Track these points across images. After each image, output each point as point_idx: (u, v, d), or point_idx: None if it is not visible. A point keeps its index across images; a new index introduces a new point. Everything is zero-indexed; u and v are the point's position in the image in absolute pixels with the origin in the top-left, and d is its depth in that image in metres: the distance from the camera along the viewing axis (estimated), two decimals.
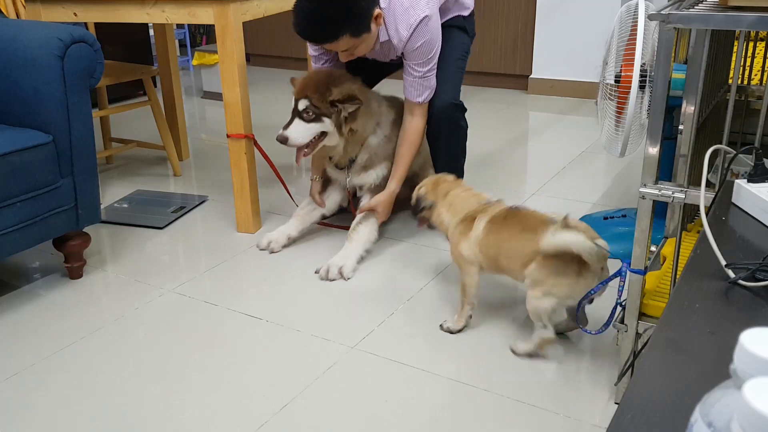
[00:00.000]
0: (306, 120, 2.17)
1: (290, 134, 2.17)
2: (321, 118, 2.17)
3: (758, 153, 1.11)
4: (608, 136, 1.76)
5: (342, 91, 2.16)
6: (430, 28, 2.13)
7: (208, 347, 1.84)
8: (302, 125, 2.17)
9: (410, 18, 2.10)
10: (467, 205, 1.87)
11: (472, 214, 1.83)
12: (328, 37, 2.03)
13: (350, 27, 2.01)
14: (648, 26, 1.58)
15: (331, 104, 2.15)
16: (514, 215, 1.77)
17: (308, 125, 2.17)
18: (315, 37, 2.08)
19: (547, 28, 4.36)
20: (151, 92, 3.11)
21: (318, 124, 2.18)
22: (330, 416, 1.56)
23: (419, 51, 2.16)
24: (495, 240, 1.76)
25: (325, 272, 2.17)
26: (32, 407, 1.62)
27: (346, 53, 2.14)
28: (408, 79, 2.24)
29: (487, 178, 3.05)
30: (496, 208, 1.82)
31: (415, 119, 2.28)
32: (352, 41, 2.06)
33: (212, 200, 2.87)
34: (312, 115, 2.16)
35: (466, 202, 1.88)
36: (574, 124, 3.85)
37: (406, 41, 2.14)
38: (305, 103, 2.15)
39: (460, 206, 1.87)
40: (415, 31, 2.11)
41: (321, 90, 2.15)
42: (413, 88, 2.24)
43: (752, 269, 0.86)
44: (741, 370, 0.46)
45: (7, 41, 2.03)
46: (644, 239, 1.44)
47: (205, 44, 5.87)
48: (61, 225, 2.08)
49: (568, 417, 1.54)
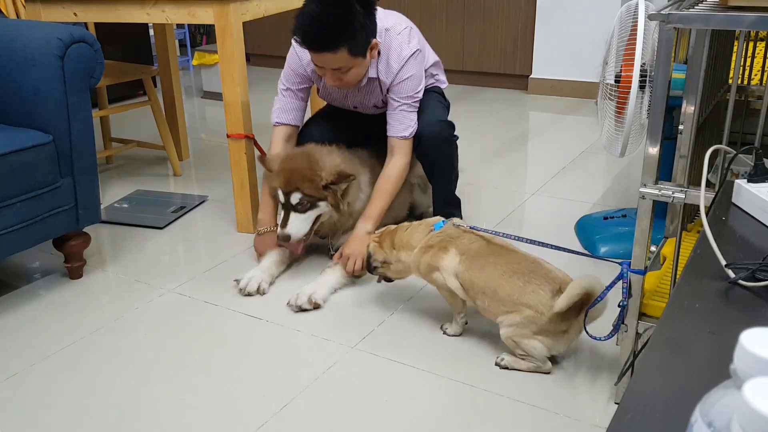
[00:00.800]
0: (302, 211, 2.10)
1: (291, 231, 2.09)
2: (316, 204, 2.11)
3: (758, 153, 1.11)
4: (608, 136, 1.76)
5: (332, 171, 2.09)
6: (419, 63, 2.19)
7: (208, 347, 1.84)
8: (299, 218, 2.11)
9: (403, 51, 2.15)
10: (418, 236, 1.84)
11: (432, 243, 1.79)
12: (329, 45, 1.98)
13: (351, 41, 1.99)
14: (648, 26, 1.58)
15: (324, 188, 2.09)
16: (493, 251, 1.73)
17: (305, 215, 2.11)
18: (317, 42, 2.00)
19: (547, 28, 4.36)
20: (151, 92, 3.11)
21: (314, 210, 2.12)
22: (330, 416, 1.56)
23: (407, 84, 2.17)
24: (478, 277, 1.71)
25: (294, 300, 2.01)
26: (32, 407, 1.62)
27: (336, 75, 2.07)
28: (393, 114, 2.20)
29: (487, 178, 3.05)
30: (464, 238, 1.77)
31: (396, 158, 2.22)
32: (347, 60, 2.02)
33: (212, 200, 2.87)
34: (307, 205, 2.10)
35: (414, 235, 1.85)
36: (574, 124, 3.85)
37: (396, 73, 2.15)
38: (298, 196, 2.09)
39: (413, 241, 1.84)
40: (407, 63, 2.15)
41: (310, 177, 2.08)
42: (397, 122, 2.20)
43: (752, 269, 0.86)
44: (741, 370, 0.46)
45: (7, 41, 2.03)
46: (644, 239, 1.44)
47: (205, 44, 5.87)
48: (61, 225, 2.08)
49: (568, 417, 1.54)
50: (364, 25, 2.00)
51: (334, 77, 2.09)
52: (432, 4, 4.74)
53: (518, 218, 2.63)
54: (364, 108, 2.35)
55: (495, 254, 1.72)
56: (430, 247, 1.80)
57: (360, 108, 2.36)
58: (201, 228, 2.63)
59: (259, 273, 2.13)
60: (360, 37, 2.00)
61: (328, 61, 2.02)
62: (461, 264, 1.74)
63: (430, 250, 1.79)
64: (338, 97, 2.34)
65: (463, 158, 3.29)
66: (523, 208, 2.72)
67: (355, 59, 2.03)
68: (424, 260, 1.80)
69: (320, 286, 2.06)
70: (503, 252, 1.73)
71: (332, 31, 1.96)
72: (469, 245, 1.76)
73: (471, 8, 4.61)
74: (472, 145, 3.48)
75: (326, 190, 2.10)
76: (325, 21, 1.96)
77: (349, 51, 2.00)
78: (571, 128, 3.79)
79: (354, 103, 2.33)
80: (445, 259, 1.76)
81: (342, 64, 2.03)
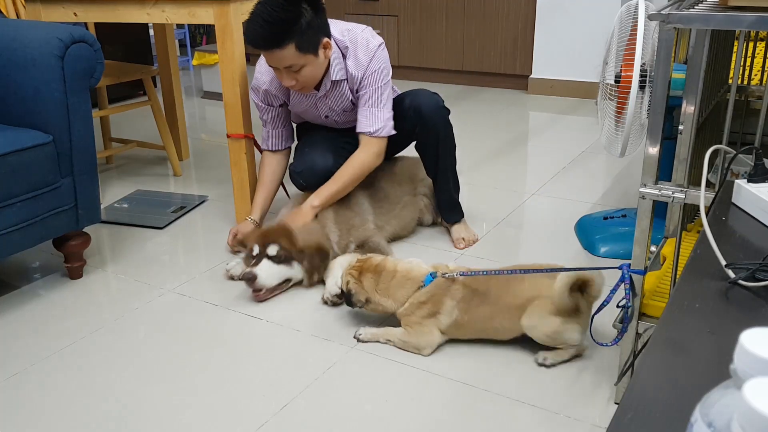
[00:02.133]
0: (276, 262, 2.05)
1: (260, 272, 2.02)
2: (291, 262, 2.07)
3: (758, 153, 1.11)
4: (608, 136, 1.76)
5: (309, 242, 2.07)
6: (386, 56, 2.24)
7: (208, 347, 1.84)
8: (272, 267, 2.04)
9: (370, 43, 2.20)
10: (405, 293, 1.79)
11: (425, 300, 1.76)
12: (275, 41, 2.02)
13: (298, 37, 2.02)
14: (648, 26, 1.58)
15: (299, 251, 2.06)
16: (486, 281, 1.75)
17: (278, 267, 2.05)
18: (263, 40, 2.03)
19: (547, 28, 4.36)
20: (151, 92, 3.11)
21: (287, 267, 2.07)
22: (330, 416, 1.56)
23: (376, 76, 2.19)
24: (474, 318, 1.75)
25: (327, 294, 2.04)
26: (32, 407, 1.62)
27: (290, 74, 2.09)
28: (361, 110, 2.22)
29: (487, 178, 3.05)
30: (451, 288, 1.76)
31: (362, 152, 2.22)
32: (297, 56, 2.04)
33: (212, 200, 2.87)
34: (282, 258, 2.05)
35: (401, 291, 1.79)
36: (574, 124, 3.85)
37: (366, 64, 2.18)
38: (275, 248, 2.04)
39: (399, 295, 1.79)
40: (375, 55, 2.19)
41: (288, 236, 2.06)
42: (365, 118, 2.21)
43: (752, 269, 0.86)
44: (741, 370, 0.46)
45: (7, 41, 2.03)
46: (644, 239, 1.44)
47: (205, 44, 5.88)
48: (61, 225, 2.08)
49: (568, 417, 1.54)
50: (312, 22, 2.04)
51: (289, 77, 2.11)
52: (432, 4, 4.74)
53: (518, 218, 2.63)
54: (334, 115, 2.34)
55: (489, 281, 1.75)
56: (423, 304, 1.76)
57: (331, 116, 2.35)
58: (201, 228, 2.63)
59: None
60: (308, 34, 2.04)
61: (279, 59, 2.06)
62: (458, 309, 1.75)
63: (423, 306, 1.76)
64: (308, 107, 2.33)
65: (464, 158, 3.30)
66: (523, 208, 2.72)
67: (305, 56, 2.06)
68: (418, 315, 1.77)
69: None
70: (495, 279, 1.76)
71: (278, 27, 2.01)
72: (463, 290, 1.76)
73: (471, 8, 4.61)
74: (472, 145, 3.48)
75: (302, 254, 2.06)
76: (270, 18, 2.01)
77: (297, 47, 2.03)
78: (571, 128, 3.79)
79: (324, 112, 2.32)
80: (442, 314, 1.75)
81: (293, 61, 2.06)
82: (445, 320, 1.75)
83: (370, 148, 2.23)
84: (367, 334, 1.84)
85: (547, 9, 4.32)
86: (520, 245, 2.43)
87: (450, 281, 1.76)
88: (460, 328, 1.76)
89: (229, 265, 2.24)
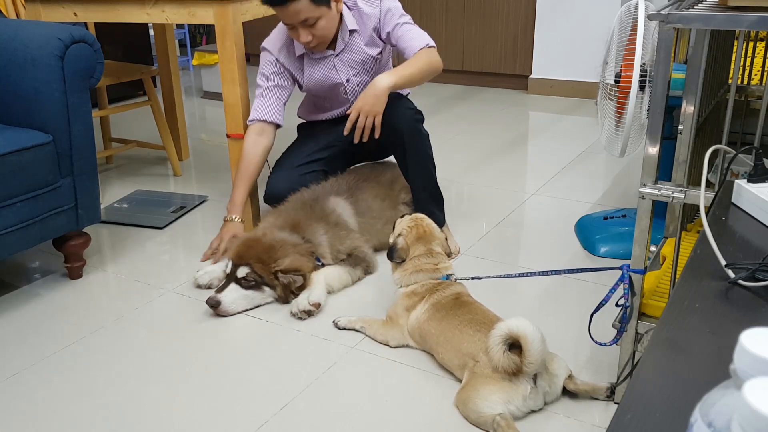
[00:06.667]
0: (244, 287, 1.97)
1: (224, 299, 1.94)
2: (261, 287, 1.98)
3: (758, 153, 1.11)
4: (608, 136, 1.76)
5: (289, 263, 1.98)
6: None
7: (208, 347, 1.84)
8: (239, 292, 1.96)
9: None
10: (422, 276, 1.80)
11: (421, 292, 1.78)
12: None
13: None
14: (648, 26, 1.58)
15: (274, 274, 1.97)
16: (461, 306, 1.71)
17: (245, 293, 1.97)
18: None
19: (547, 28, 4.36)
20: (151, 92, 3.11)
21: (257, 293, 1.99)
22: (330, 416, 1.56)
23: (393, 12, 2.27)
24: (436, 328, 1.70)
25: (295, 308, 1.96)
26: (32, 407, 1.62)
27: (307, 30, 2.15)
28: (403, 36, 2.25)
29: (487, 178, 3.05)
30: (444, 292, 1.76)
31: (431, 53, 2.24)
32: (311, 9, 2.10)
33: (212, 200, 2.87)
34: (252, 283, 1.96)
35: (418, 276, 1.80)
36: (574, 124, 3.85)
37: (379, 4, 2.26)
38: (245, 270, 1.96)
39: (413, 278, 1.81)
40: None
41: (264, 259, 1.97)
42: (412, 39, 2.25)
43: (752, 269, 0.86)
44: (741, 370, 0.46)
45: (7, 41, 2.03)
46: (644, 239, 1.44)
47: (205, 44, 5.88)
48: (61, 225, 2.08)
49: (568, 417, 1.54)
50: None
51: (305, 32, 2.16)
52: (432, 4, 4.74)
53: (518, 218, 2.63)
54: (354, 74, 2.34)
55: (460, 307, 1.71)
56: (414, 295, 1.78)
57: (352, 79, 2.35)
58: (201, 228, 2.63)
59: (218, 269, 2.14)
60: None
61: (294, 13, 2.11)
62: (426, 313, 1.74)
63: (413, 297, 1.78)
64: (325, 74, 2.33)
65: (463, 158, 3.30)
66: (523, 208, 2.72)
67: (319, 8, 2.12)
68: (401, 306, 1.80)
69: (314, 287, 2.01)
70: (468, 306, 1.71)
71: None
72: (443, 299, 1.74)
73: (471, 8, 4.61)
74: (472, 145, 3.48)
75: (276, 278, 1.98)
76: None
77: None
78: (571, 128, 3.79)
79: (345, 74, 2.33)
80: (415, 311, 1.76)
81: (308, 14, 2.11)
82: (412, 319, 1.76)
83: (435, 55, 2.26)
84: (344, 321, 1.90)
85: (547, 9, 4.32)
86: (520, 245, 2.42)
87: (438, 285, 1.78)
88: (416, 334, 1.76)
89: (198, 273, 2.16)
